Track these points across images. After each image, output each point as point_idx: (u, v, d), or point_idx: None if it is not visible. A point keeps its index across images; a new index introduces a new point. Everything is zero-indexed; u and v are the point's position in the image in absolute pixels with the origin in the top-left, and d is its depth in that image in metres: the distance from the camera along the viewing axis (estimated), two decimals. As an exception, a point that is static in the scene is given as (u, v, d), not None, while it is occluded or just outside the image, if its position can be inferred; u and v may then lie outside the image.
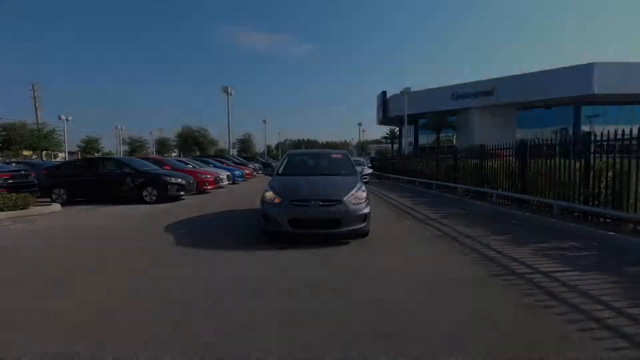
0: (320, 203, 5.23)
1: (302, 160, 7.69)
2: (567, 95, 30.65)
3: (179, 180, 11.32)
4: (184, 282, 3.87)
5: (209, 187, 14.13)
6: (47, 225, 7.45)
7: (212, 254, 5.00)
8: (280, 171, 6.93)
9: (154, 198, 10.87)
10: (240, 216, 8.32)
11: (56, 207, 9.70)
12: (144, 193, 10.88)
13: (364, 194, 5.63)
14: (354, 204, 5.33)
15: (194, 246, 5.40)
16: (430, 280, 3.91)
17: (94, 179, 11.07)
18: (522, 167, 8.31)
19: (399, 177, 19.43)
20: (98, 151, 53.52)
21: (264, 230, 5.59)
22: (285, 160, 7.37)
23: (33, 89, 43.93)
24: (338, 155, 7.53)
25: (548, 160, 7.45)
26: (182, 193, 11.38)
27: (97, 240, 6.04)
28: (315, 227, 5.27)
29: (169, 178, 11.07)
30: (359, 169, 7.20)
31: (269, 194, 5.59)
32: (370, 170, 7.76)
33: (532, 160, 8.08)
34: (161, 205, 10.27)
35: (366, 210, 5.41)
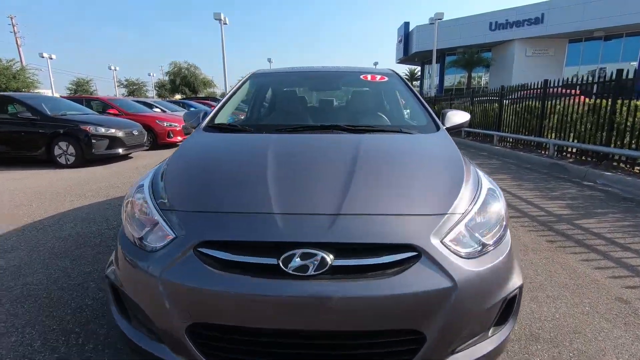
0: (331, 258, 1.08)
1: (285, 93, 2.97)
2: (640, 21, 24.50)
3: (112, 131, 7.28)
4: None
5: (177, 139, 10.14)
6: None
7: None
8: (216, 119, 2.36)
9: (72, 159, 6.98)
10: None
11: None
12: (57, 151, 6.98)
13: (499, 208, 1.44)
14: (473, 258, 1.20)
15: None
16: None
17: (-19, 129, 7.14)
18: None
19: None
20: (90, 94, 49.06)
21: (124, 342, 1.38)
22: (243, 89, 2.80)
23: (12, 22, 38.89)
24: (380, 78, 2.75)
25: None
26: (119, 150, 7.43)
27: None
28: None
29: (92, 128, 7.01)
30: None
31: (135, 209, 1.46)
32: (468, 117, 2.59)
33: None
34: (75, 172, 6.37)
35: (515, 283, 1.32)
